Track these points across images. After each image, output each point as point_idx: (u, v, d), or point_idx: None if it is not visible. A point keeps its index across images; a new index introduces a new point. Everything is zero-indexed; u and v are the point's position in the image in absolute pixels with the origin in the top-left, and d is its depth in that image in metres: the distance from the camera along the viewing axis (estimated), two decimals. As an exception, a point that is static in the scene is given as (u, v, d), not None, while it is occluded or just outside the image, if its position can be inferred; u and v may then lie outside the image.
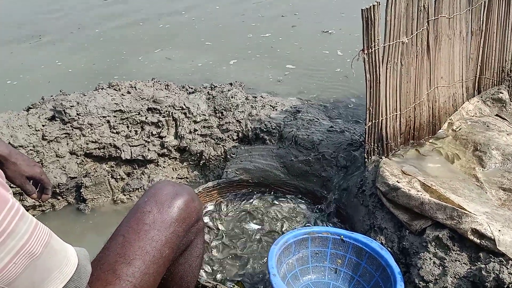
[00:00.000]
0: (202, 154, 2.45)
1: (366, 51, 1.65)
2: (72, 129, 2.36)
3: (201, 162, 2.47)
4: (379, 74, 1.73)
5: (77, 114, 2.37)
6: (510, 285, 1.19)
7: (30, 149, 2.27)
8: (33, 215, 2.31)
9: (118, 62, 4.16)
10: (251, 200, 2.22)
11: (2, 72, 4.09)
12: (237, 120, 2.47)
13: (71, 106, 2.37)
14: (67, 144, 2.36)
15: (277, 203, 2.20)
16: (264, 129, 2.39)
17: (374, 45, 1.65)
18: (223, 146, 2.45)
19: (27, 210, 2.29)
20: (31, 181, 1.46)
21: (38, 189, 1.52)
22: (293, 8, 5.28)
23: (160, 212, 1.04)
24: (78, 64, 4.17)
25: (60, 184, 2.30)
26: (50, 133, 2.31)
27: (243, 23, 4.89)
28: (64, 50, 4.58)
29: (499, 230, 1.36)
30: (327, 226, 2.00)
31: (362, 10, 1.55)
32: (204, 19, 5.21)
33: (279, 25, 4.72)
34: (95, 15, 5.69)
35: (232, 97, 2.56)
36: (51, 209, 2.38)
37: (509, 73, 2.33)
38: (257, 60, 3.91)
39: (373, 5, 1.55)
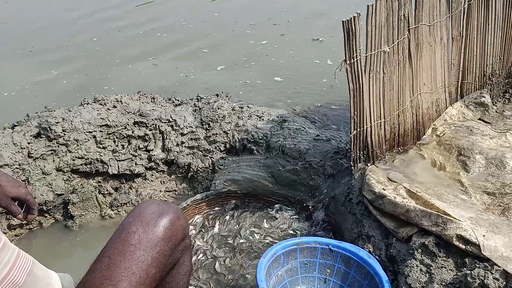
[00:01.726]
0: (190, 167, 2.45)
1: (348, 62, 1.67)
2: (58, 146, 2.35)
3: (189, 175, 2.47)
4: (362, 83, 1.75)
5: (63, 130, 2.36)
6: (495, 290, 1.20)
7: (16, 167, 2.25)
8: (21, 234, 2.31)
9: (110, 72, 4.19)
10: (239, 212, 2.23)
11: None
12: (224, 131, 2.48)
13: (57, 123, 2.36)
14: (53, 161, 2.34)
15: (266, 213, 2.20)
16: (251, 140, 2.40)
17: (356, 55, 1.67)
18: (210, 157, 2.45)
19: (14, 229, 2.28)
20: (17, 201, 1.46)
21: (23, 210, 1.51)
22: (286, 15, 5.29)
23: (145, 232, 1.04)
24: (72, 75, 4.19)
25: (47, 201, 2.29)
26: (35, 150, 2.30)
27: (234, 32, 4.90)
28: (58, 61, 4.57)
29: (484, 235, 1.38)
30: (315, 235, 2.01)
31: (342, 21, 1.57)
32: (200, 26, 5.24)
33: (271, 33, 4.72)
34: (90, 26, 5.70)
35: (218, 108, 2.56)
36: (39, 227, 2.36)
37: (490, 77, 2.36)
38: (247, 68, 3.92)
39: (354, 17, 1.57)
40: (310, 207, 2.15)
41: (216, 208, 2.28)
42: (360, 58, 1.69)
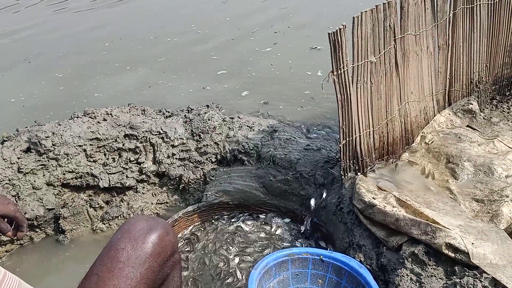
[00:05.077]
0: (181, 178, 2.45)
1: (335, 73, 1.68)
2: (48, 160, 2.34)
3: (181, 186, 2.47)
4: (350, 94, 1.76)
5: (53, 145, 2.35)
6: (485, 298, 1.21)
7: (6, 183, 2.24)
8: (11, 249, 2.29)
9: (104, 80, 4.20)
10: (231, 223, 2.22)
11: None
12: (215, 142, 2.48)
13: (46, 137, 2.35)
14: (44, 175, 2.33)
15: (257, 224, 2.20)
16: (242, 150, 2.41)
17: (343, 66, 1.68)
18: (202, 169, 2.45)
19: (5, 245, 2.26)
20: (5, 219, 1.45)
21: (13, 227, 1.50)
22: (288, 22, 5.23)
23: (134, 248, 1.04)
24: (70, 85, 4.20)
25: (37, 216, 2.27)
26: (25, 165, 2.29)
27: (233, 40, 4.88)
28: (58, 71, 4.57)
29: (473, 243, 1.39)
30: (307, 246, 2.01)
31: (329, 34, 1.59)
32: (208, 31, 5.25)
33: (270, 41, 4.68)
34: (96, 37, 5.70)
35: (209, 120, 2.56)
36: (30, 242, 2.35)
37: (477, 84, 2.39)
38: (237, 78, 3.91)
39: (339, 29, 1.59)
40: (301, 217, 2.16)
41: (208, 220, 2.28)
42: (347, 69, 1.70)
